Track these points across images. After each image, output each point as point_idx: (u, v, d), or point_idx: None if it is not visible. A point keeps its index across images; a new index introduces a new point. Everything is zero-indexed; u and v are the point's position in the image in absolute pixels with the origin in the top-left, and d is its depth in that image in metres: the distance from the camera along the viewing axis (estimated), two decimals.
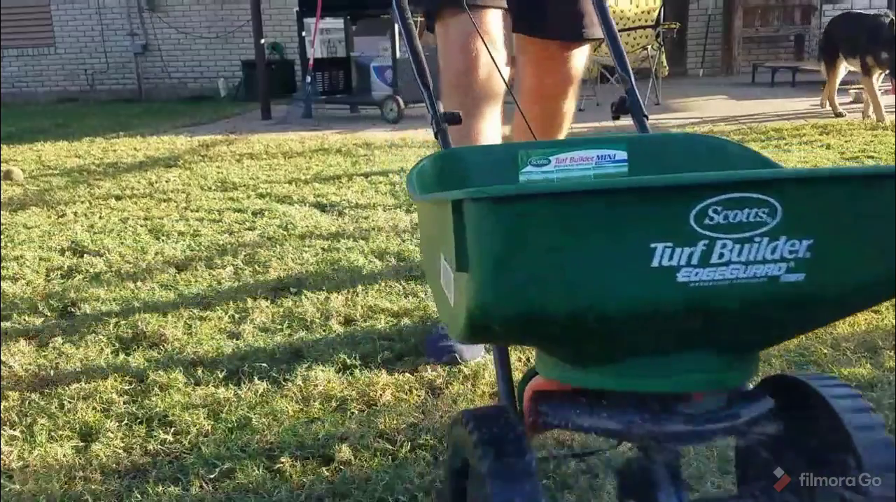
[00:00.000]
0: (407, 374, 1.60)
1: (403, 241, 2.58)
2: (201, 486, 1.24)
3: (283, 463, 1.28)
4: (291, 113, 6.98)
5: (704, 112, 5.93)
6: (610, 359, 0.72)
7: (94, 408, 1.50)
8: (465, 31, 1.62)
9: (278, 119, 6.81)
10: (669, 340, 0.70)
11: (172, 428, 1.42)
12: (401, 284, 2.15)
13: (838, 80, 5.36)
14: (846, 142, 4.19)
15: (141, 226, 2.99)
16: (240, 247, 2.61)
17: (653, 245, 0.63)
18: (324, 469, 1.28)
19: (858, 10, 5.65)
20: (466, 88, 1.66)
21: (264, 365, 1.67)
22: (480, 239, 0.64)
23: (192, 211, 3.21)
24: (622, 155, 1.07)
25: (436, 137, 1.16)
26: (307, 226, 2.86)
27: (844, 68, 5.27)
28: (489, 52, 1.55)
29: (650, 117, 1.17)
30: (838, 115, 5.29)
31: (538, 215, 0.63)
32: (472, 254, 0.64)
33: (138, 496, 1.22)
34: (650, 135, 1.12)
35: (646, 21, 6.42)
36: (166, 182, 3.89)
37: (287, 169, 4.17)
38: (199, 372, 1.65)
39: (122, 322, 1.95)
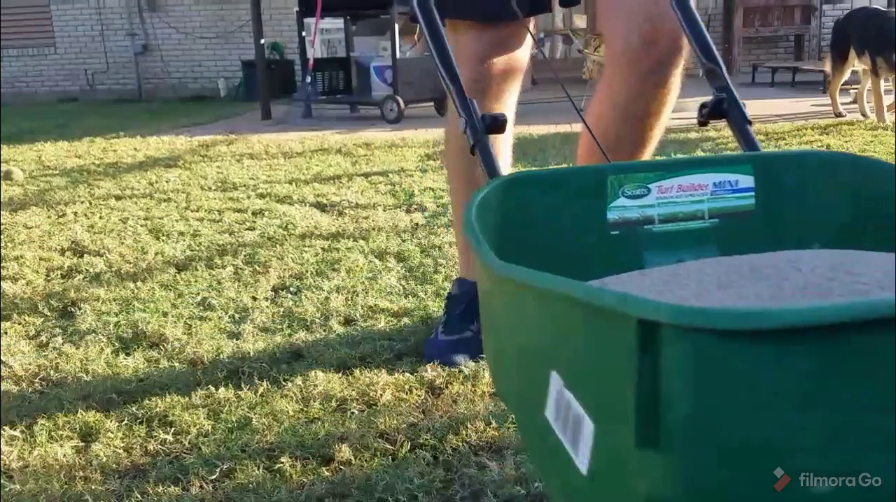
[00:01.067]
0: (407, 374, 1.60)
1: (403, 241, 2.58)
2: (201, 486, 1.24)
3: (283, 463, 1.28)
4: (291, 113, 6.98)
5: None
6: None
7: (94, 408, 1.50)
8: (481, 42, 1.58)
9: (278, 119, 6.81)
10: None
11: (172, 429, 1.42)
12: (401, 284, 2.15)
13: (843, 80, 5.30)
14: (846, 142, 4.20)
15: (141, 226, 2.99)
16: (240, 247, 2.61)
17: None
18: (324, 469, 1.28)
19: (876, 7, 5.51)
20: (480, 94, 1.61)
21: (264, 365, 1.67)
22: (722, 401, 0.41)
23: (192, 211, 3.21)
24: (747, 181, 0.82)
25: (472, 152, 0.91)
26: (307, 226, 2.87)
27: (851, 68, 5.18)
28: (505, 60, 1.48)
29: None
30: (838, 114, 5.28)
31: (825, 358, 0.40)
32: (685, 420, 0.42)
33: (138, 496, 1.22)
34: (783, 154, 0.86)
35: None
36: (166, 182, 3.89)
37: (287, 169, 4.17)
38: (199, 372, 1.65)
39: (122, 322, 1.95)
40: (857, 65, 5.13)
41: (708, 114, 0.94)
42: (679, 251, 0.81)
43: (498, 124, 0.91)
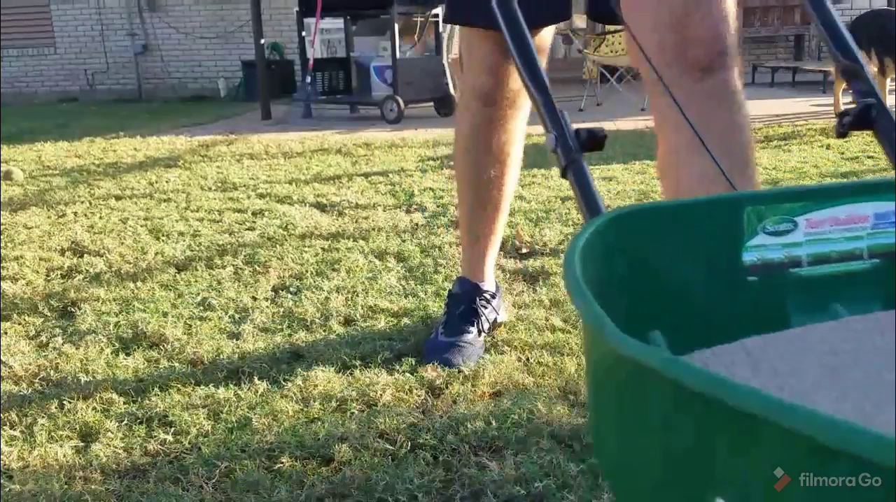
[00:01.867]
0: (407, 374, 1.60)
1: (403, 241, 2.58)
2: (201, 486, 1.24)
3: (283, 463, 1.28)
4: (291, 113, 6.99)
5: None
6: None
7: (94, 408, 1.50)
8: (495, 50, 1.56)
9: (278, 119, 6.81)
10: None
11: (172, 428, 1.42)
12: (401, 284, 2.15)
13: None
14: (846, 142, 4.19)
15: (141, 226, 2.99)
16: (240, 247, 2.61)
17: None
18: (324, 469, 1.28)
19: (884, 7, 5.50)
20: (490, 100, 1.62)
21: (264, 365, 1.67)
22: None
23: (192, 211, 3.21)
24: None
25: (564, 174, 0.75)
26: (307, 226, 2.87)
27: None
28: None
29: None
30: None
31: None
32: None
33: (138, 496, 1.22)
34: None
35: None
36: (166, 182, 3.89)
37: (287, 169, 4.17)
38: (199, 372, 1.65)
39: (122, 322, 1.95)
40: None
41: (850, 123, 0.77)
42: (832, 300, 0.68)
43: (597, 140, 0.75)
